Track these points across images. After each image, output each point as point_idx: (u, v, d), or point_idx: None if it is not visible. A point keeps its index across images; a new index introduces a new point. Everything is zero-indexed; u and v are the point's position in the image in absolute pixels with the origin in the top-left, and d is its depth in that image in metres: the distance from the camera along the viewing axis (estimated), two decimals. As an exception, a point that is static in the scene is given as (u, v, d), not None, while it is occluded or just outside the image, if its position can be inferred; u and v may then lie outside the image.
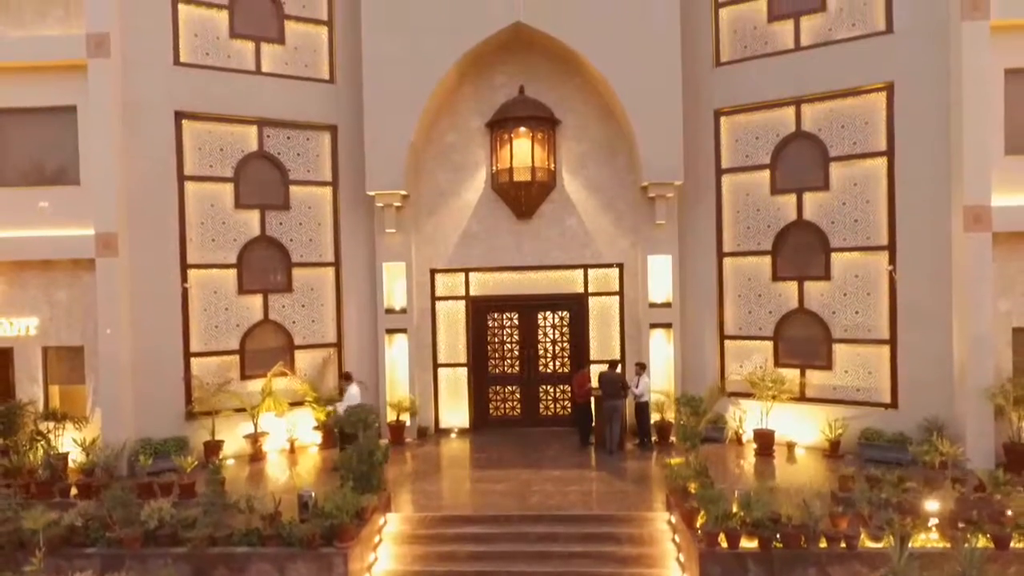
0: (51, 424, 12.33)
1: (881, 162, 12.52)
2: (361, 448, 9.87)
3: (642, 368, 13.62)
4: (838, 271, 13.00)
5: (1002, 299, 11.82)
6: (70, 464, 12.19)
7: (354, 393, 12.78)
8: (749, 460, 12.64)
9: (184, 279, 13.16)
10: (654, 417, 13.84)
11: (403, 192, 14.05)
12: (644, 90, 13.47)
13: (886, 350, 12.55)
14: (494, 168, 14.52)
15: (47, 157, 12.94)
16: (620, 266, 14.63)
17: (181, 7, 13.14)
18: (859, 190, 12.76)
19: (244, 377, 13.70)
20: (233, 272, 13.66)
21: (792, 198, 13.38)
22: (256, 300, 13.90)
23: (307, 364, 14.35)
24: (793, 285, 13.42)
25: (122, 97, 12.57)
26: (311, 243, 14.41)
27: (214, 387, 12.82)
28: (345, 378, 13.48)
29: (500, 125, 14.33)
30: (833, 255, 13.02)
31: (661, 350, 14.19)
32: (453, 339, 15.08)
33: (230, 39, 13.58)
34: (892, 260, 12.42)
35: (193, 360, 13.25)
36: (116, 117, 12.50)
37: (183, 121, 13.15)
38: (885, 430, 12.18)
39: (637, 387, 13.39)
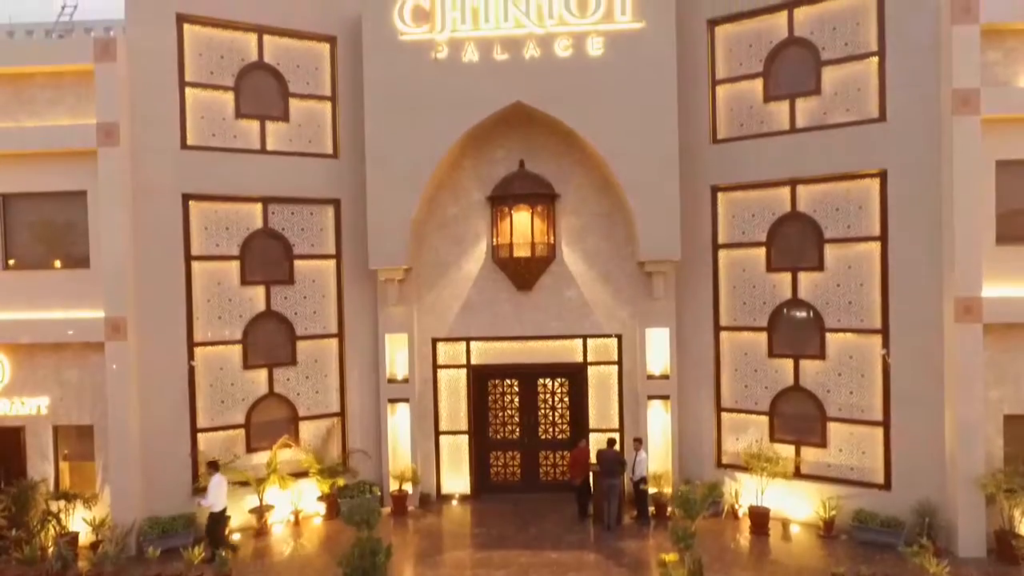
0: (62, 503, 12.66)
1: (875, 246, 12.73)
2: (364, 546, 10.13)
3: (640, 444, 13.86)
4: (833, 351, 13.21)
5: (993, 387, 12.00)
6: (80, 542, 12.53)
7: (217, 483, 12.41)
8: (744, 538, 12.86)
9: (191, 357, 13.46)
10: (652, 489, 14.07)
11: (405, 267, 14.34)
12: (642, 168, 13.70)
13: (879, 431, 12.74)
14: (495, 241, 14.78)
15: (58, 240, 13.29)
16: (619, 337, 14.87)
17: (188, 91, 13.45)
18: (853, 273, 12.96)
19: (250, 450, 14.00)
20: (239, 348, 13.95)
21: (787, 276, 13.59)
22: (261, 374, 14.19)
23: (311, 434, 14.63)
24: (789, 362, 13.63)
25: (131, 182, 12.89)
26: (315, 315, 14.70)
27: (220, 465, 13.11)
28: (210, 467, 12.66)
29: (500, 200, 14.59)
30: (828, 335, 13.22)
31: (659, 421, 14.41)
32: (455, 406, 15.33)
33: (236, 119, 13.89)
34: (885, 344, 12.62)
35: (200, 436, 13.55)
36: (125, 201, 12.83)
37: (190, 202, 13.46)
38: (879, 512, 12.38)
39: (635, 465, 13.62)
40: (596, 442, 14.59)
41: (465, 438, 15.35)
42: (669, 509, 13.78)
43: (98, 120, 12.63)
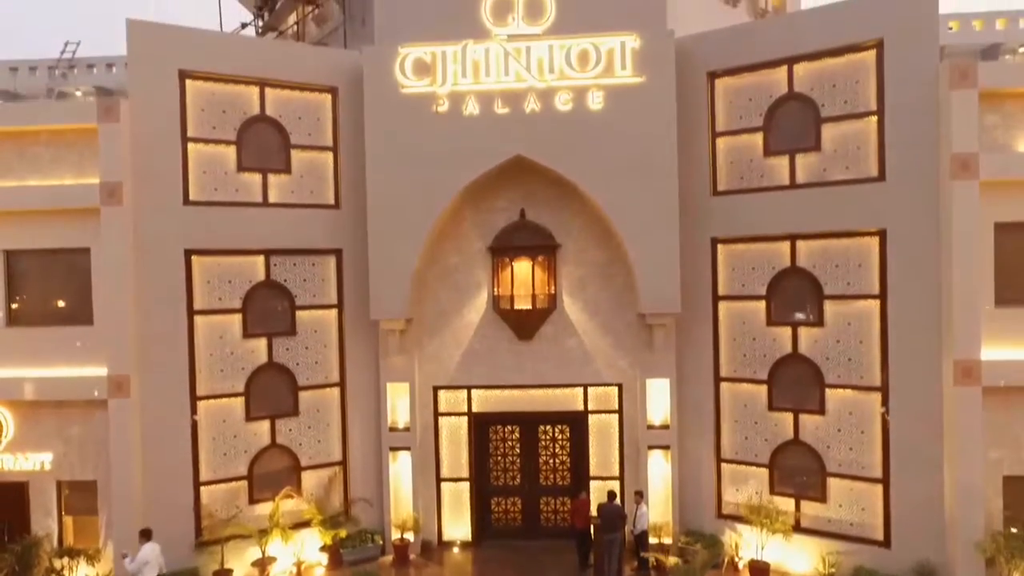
0: (65, 560, 12.73)
1: (874, 304, 12.77)
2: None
3: (640, 497, 13.92)
4: (832, 406, 13.25)
5: (993, 447, 12.05)
6: (84, 600, 12.62)
7: (147, 553, 11.44)
8: (744, 594, 12.93)
9: (194, 411, 13.53)
10: (652, 539, 14.11)
11: (407, 319, 14.41)
12: (642, 221, 13.76)
13: (879, 488, 12.79)
14: (496, 291, 14.83)
15: (62, 297, 13.38)
16: (619, 386, 14.92)
17: (191, 146, 13.52)
18: (853, 330, 13.01)
19: (252, 501, 14.06)
20: (241, 400, 14.02)
21: (787, 331, 13.65)
22: (264, 426, 14.26)
23: (313, 484, 14.69)
24: (789, 416, 13.68)
25: (134, 239, 12.97)
26: (317, 365, 14.77)
27: (223, 521, 13.16)
28: (142, 536, 11.72)
29: (501, 252, 14.66)
30: (828, 391, 13.27)
31: (659, 470, 14.45)
32: (456, 453, 15.39)
33: (238, 172, 13.97)
34: (885, 402, 12.67)
35: (202, 488, 13.62)
36: (128, 258, 12.91)
37: (193, 257, 13.53)
38: (879, 570, 12.43)
39: (636, 519, 13.68)
40: (597, 490, 14.66)
41: (466, 485, 15.40)
42: (670, 561, 13.86)
43: (101, 180, 12.72)
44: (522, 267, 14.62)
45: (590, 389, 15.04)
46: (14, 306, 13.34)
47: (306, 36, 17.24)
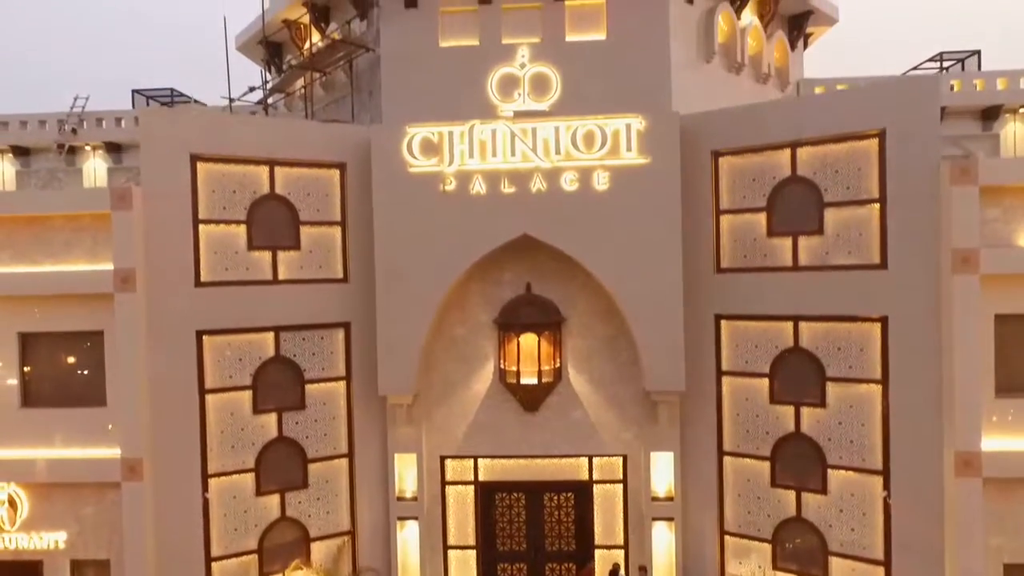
0: (79, 641, 12.98)
1: (876, 389, 12.95)
2: None
3: (644, 572, 14.11)
4: (834, 486, 13.42)
5: (994, 535, 12.22)
6: None
7: None
8: (748, 673, 13.11)
9: (205, 489, 13.73)
10: (656, 612, 14.33)
11: (414, 393, 14.62)
12: (646, 300, 13.96)
13: (880, 571, 12.96)
14: (502, 364, 15.02)
15: (75, 379, 13.60)
16: (624, 456, 15.12)
17: (202, 228, 13.72)
18: (855, 412, 13.19)
19: (263, 574, 14.27)
20: (251, 476, 14.22)
21: (790, 409, 13.82)
22: (273, 499, 14.45)
23: (323, 555, 14.87)
24: (791, 494, 13.85)
25: (146, 322, 13.17)
26: (325, 437, 14.96)
27: (233, 600, 13.41)
28: None
29: (507, 327, 14.84)
30: (829, 471, 13.44)
31: (663, 541, 14.63)
32: (462, 520, 15.58)
33: (248, 251, 14.16)
34: (886, 486, 12.84)
35: (214, 564, 13.82)
36: (141, 341, 13.12)
37: (204, 337, 13.73)
38: (879, 652, 12.63)
39: (639, 596, 13.89)
40: (602, 559, 14.89)
41: (473, 552, 15.60)
42: (673, 634, 14.05)
43: (115, 266, 12.92)
44: (528, 341, 14.80)
45: (595, 459, 15.23)
46: (29, 388, 13.55)
47: (314, 99, 17.40)
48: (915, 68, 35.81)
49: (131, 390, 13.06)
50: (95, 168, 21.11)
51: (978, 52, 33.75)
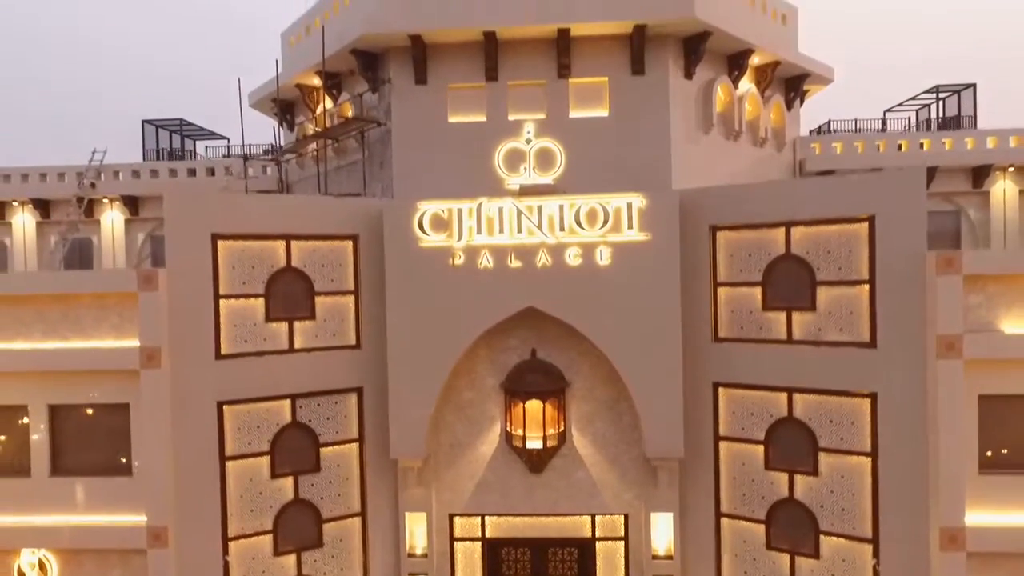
0: None
1: (866, 461, 13.56)
2: None
3: (645, 630, 14.77)
4: (827, 552, 14.04)
5: (977, 604, 12.85)
6: None
7: None
8: None
9: (225, 551, 14.37)
10: (657, 667, 14.97)
11: (425, 457, 15.26)
12: (646, 370, 14.59)
13: (870, 635, 13.61)
14: (508, 427, 15.65)
15: (102, 449, 14.23)
16: (625, 516, 15.75)
17: (222, 303, 14.34)
18: (846, 482, 13.81)
19: (279, 632, 14.95)
20: (269, 537, 14.86)
21: (784, 476, 14.44)
22: (290, 559, 15.08)
23: (336, 610, 15.58)
24: (785, 557, 14.47)
25: (170, 396, 13.81)
26: (339, 497, 15.60)
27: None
28: None
29: (513, 393, 15.47)
30: (822, 537, 14.06)
31: (663, 598, 15.31)
32: (470, 575, 16.25)
33: (266, 323, 14.79)
34: (876, 554, 13.45)
35: (234, 623, 14.52)
36: (165, 413, 13.75)
37: (224, 407, 14.38)
38: None
39: (640, 656, 14.52)
40: (604, 613, 15.55)
41: (480, 605, 16.30)
42: None
43: (141, 344, 13.56)
44: (534, 407, 15.43)
45: (598, 518, 15.86)
46: (57, 457, 14.20)
47: (327, 161, 18.03)
48: (912, 98, 36.58)
49: (156, 460, 13.71)
50: (112, 220, 21.77)
51: (973, 85, 34.42)
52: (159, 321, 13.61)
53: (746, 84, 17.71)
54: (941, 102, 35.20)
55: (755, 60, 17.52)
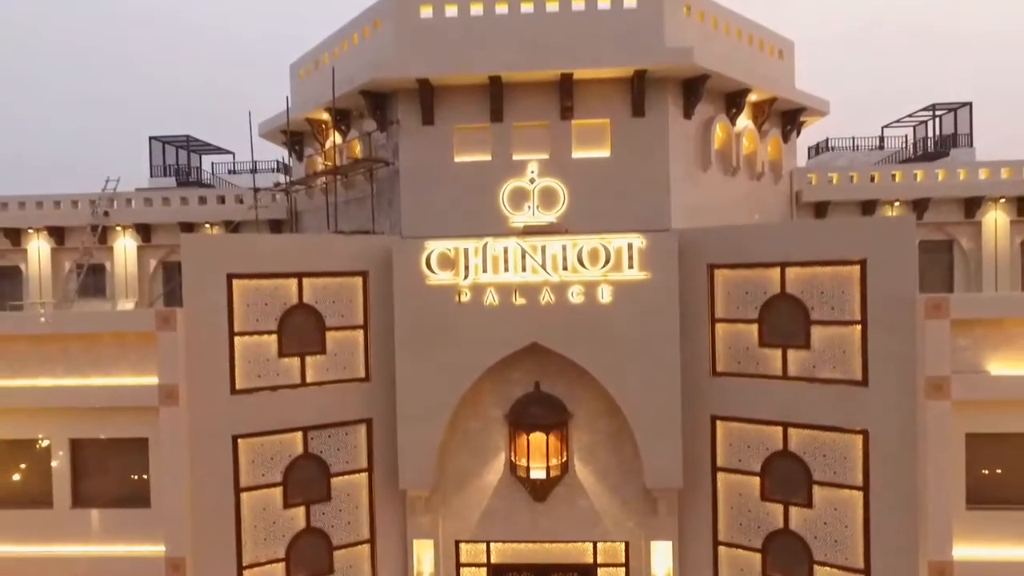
0: None
1: (858, 495, 14.05)
2: None
3: (645, 656, 15.29)
4: (820, 581, 14.60)
5: (965, 635, 13.36)
6: None
7: None
8: None
9: (240, 580, 14.94)
10: None
11: (432, 487, 15.78)
12: (646, 404, 15.09)
13: (862, 662, 14.12)
14: (513, 457, 16.16)
15: (121, 482, 14.77)
16: (626, 543, 16.26)
17: (237, 339, 14.85)
18: (839, 514, 14.31)
19: (291, 656, 15.47)
20: (282, 565, 15.37)
21: (780, 507, 14.95)
22: (302, 586, 15.67)
23: (346, 635, 16.10)
24: (781, 585, 15.03)
25: (187, 430, 14.33)
26: (349, 525, 16.11)
27: None
28: None
29: (517, 425, 15.98)
30: (816, 567, 14.57)
31: (663, 623, 15.83)
32: (476, 600, 16.80)
33: (279, 358, 15.30)
34: (867, 585, 14.00)
35: (248, 649, 15.03)
36: (182, 447, 14.27)
37: (239, 441, 14.90)
38: None
39: None
40: (605, 637, 16.06)
41: (486, 630, 16.83)
42: None
43: (160, 382, 14.08)
44: (537, 437, 15.94)
45: (599, 545, 16.38)
46: (78, 490, 14.73)
47: (337, 194, 18.43)
48: (910, 115, 37.06)
49: (174, 492, 14.20)
50: (125, 246, 22.29)
51: (969, 104, 34.90)
52: (177, 359, 14.13)
53: (744, 120, 18.17)
54: (938, 119, 35.80)
55: (752, 97, 17.99)
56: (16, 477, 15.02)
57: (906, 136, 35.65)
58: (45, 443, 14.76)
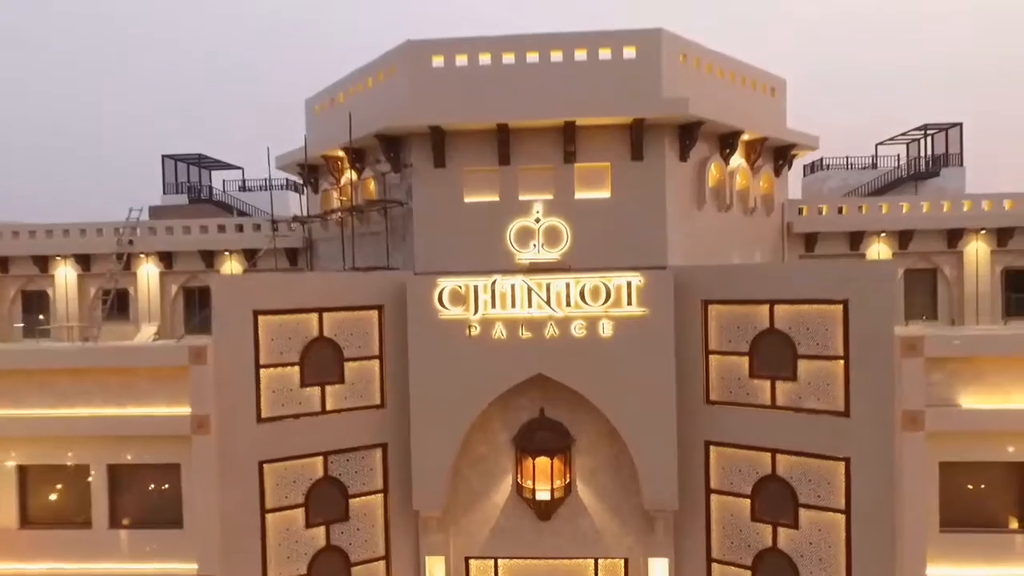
0: None
1: (841, 518, 15.10)
2: None
3: (643, 667, 16.36)
4: (806, 598, 15.68)
5: (938, 649, 14.43)
6: None
7: None
8: None
9: (265, 595, 16.03)
10: None
11: (443, 507, 16.86)
12: (644, 430, 16.15)
13: (845, 673, 15.19)
14: (519, 479, 17.23)
15: (155, 504, 15.86)
16: (625, 560, 17.33)
17: (263, 371, 15.92)
18: (823, 536, 15.37)
19: (313, 672, 16.55)
20: (303, 580, 16.53)
21: (769, 528, 16.01)
22: (322, 600, 16.75)
23: (363, 646, 17.18)
24: (769, 600, 16.10)
25: (217, 456, 15.41)
26: (366, 543, 17.18)
27: None
28: None
29: (524, 449, 17.05)
30: (802, 584, 15.70)
31: (660, 635, 16.91)
32: (485, 614, 17.88)
33: (301, 388, 16.37)
34: (849, 602, 15.07)
35: (273, 659, 16.12)
36: (212, 472, 15.35)
37: (264, 465, 15.97)
38: None
39: None
40: (606, 648, 17.13)
41: (495, 641, 17.91)
42: None
43: (192, 412, 15.16)
44: (542, 461, 17.01)
45: (600, 561, 17.43)
46: (115, 511, 15.82)
47: (354, 226, 19.48)
48: (903, 134, 38.11)
49: (205, 514, 15.30)
50: (148, 272, 23.38)
51: (960, 124, 35.95)
52: (208, 391, 15.21)
53: (737, 159, 19.24)
54: (930, 138, 36.86)
55: (745, 136, 19.06)
56: (57, 499, 16.12)
57: (898, 155, 36.69)
58: (85, 468, 15.85)
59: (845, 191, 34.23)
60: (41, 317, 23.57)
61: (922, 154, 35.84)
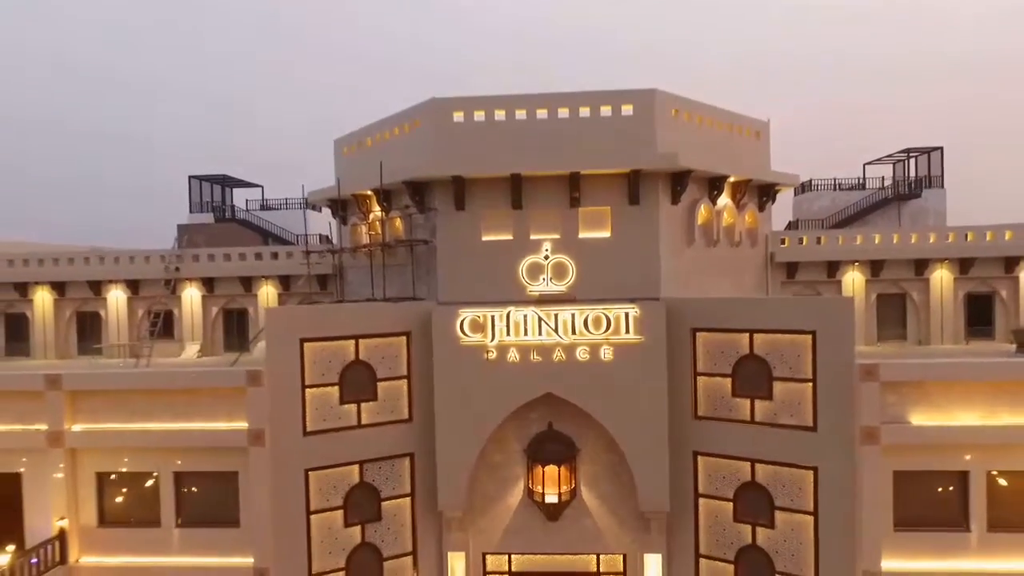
0: None
1: (809, 519, 17.43)
2: None
3: (639, 649, 18.70)
4: (781, 588, 18.02)
5: (893, 633, 16.76)
6: None
7: None
8: None
9: (310, 585, 18.42)
10: None
11: (464, 508, 19.22)
12: (640, 441, 18.49)
13: (814, 654, 17.52)
14: (530, 484, 19.58)
15: (216, 506, 18.25)
16: (624, 555, 19.67)
17: (308, 391, 18.31)
18: (795, 534, 17.68)
19: (351, 649, 18.91)
20: (343, 573, 18.83)
21: (748, 528, 18.34)
22: (358, 591, 19.13)
23: (393, 631, 19.54)
24: (749, 590, 18.44)
25: (270, 465, 17.78)
26: (396, 540, 19.56)
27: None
28: None
29: (534, 458, 19.40)
30: (777, 575, 18.00)
31: (654, 624, 19.26)
32: (500, 603, 20.24)
33: (340, 405, 18.75)
34: (816, 590, 17.40)
35: (316, 641, 18.50)
36: (266, 479, 17.74)
37: (310, 473, 18.35)
38: None
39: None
40: (607, 634, 19.48)
41: (510, 629, 20.27)
42: None
43: (249, 427, 17.56)
44: (551, 468, 19.37)
45: (602, 556, 19.80)
46: (181, 512, 18.22)
47: (383, 259, 21.76)
48: (889, 156, 40.39)
49: (259, 515, 17.70)
50: (191, 296, 25.79)
51: (940, 148, 38.25)
52: (262, 408, 17.60)
53: (724, 199, 21.53)
54: (913, 159, 39.15)
55: (731, 178, 21.36)
56: (130, 501, 18.51)
57: (883, 177, 38.96)
58: (155, 475, 18.25)
59: (834, 211, 36.60)
60: (96, 338, 25.96)
61: (906, 176, 38.17)
